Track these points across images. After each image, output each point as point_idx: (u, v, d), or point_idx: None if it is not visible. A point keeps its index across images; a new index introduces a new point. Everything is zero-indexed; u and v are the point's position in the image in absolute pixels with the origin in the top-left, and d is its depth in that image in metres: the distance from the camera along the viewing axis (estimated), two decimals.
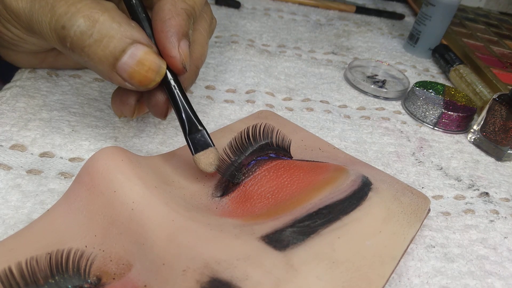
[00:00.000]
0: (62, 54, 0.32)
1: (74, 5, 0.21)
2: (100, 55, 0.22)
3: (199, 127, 0.24)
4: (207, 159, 0.24)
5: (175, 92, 0.24)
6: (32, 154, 0.26)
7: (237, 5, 0.54)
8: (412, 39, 0.53)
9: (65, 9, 0.21)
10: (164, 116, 0.26)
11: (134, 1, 0.24)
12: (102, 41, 0.21)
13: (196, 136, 0.24)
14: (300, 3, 0.60)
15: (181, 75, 0.25)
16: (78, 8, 0.21)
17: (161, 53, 0.24)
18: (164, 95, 0.25)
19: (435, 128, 0.39)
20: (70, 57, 0.24)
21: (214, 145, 0.25)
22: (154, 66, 0.23)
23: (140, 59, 0.22)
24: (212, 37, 0.45)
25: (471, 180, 0.33)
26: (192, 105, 0.25)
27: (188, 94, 0.34)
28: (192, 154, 0.24)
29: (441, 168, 0.34)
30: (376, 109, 0.40)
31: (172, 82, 0.24)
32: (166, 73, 0.24)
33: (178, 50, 0.23)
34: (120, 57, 0.22)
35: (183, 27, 0.24)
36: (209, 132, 0.25)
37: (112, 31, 0.22)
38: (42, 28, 0.22)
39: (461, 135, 0.39)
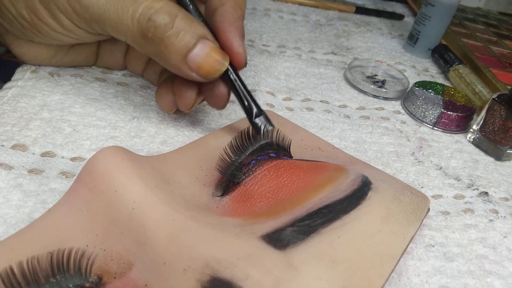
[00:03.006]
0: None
1: (157, 2, 0.25)
2: (176, 46, 0.25)
3: (260, 112, 0.28)
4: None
5: (236, 84, 0.28)
6: (33, 153, 0.26)
7: None
8: (412, 39, 0.53)
9: (148, 5, 0.25)
10: (223, 106, 0.29)
11: (191, 7, 0.27)
12: (179, 34, 0.25)
13: (258, 120, 0.28)
14: (300, 4, 0.60)
15: (240, 69, 0.28)
16: (160, 5, 0.25)
17: (225, 49, 0.27)
18: (226, 87, 0.28)
19: (435, 128, 0.39)
20: (140, 48, 0.26)
21: (274, 126, 0.28)
22: (219, 59, 0.26)
23: (208, 52, 0.26)
24: None
25: (471, 179, 0.33)
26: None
27: None
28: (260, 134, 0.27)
29: (441, 168, 0.34)
30: (376, 109, 0.40)
31: (233, 76, 0.28)
32: (228, 68, 0.27)
33: (242, 48, 0.28)
34: (192, 49, 0.25)
35: (242, 29, 0.28)
36: (209, 132, 0.25)
37: (187, 26, 0.25)
38: (120, 20, 0.25)
39: (460, 135, 0.39)
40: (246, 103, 0.28)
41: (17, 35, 0.29)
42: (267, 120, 0.28)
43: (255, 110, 0.28)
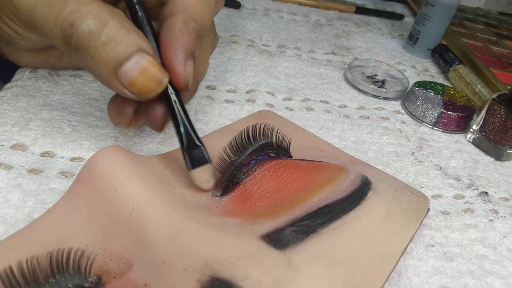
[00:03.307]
0: (65, 55, 0.32)
1: (86, 5, 0.21)
2: (104, 58, 0.22)
3: (197, 143, 0.24)
4: (203, 176, 0.24)
5: (175, 106, 0.24)
6: (33, 153, 0.26)
7: (237, 5, 0.54)
8: (412, 39, 0.53)
9: (75, 7, 0.21)
10: (160, 129, 0.26)
11: (140, 14, 0.24)
12: (108, 44, 0.21)
13: (193, 151, 0.24)
14: (300, 4, 0.60)
15: (182, 91, 0.25)
16: (89, 8, 0.21)
17: (166, 67, 0.24)
18: (163, 108, 0.25)
19: (435, 127, 0.39)
20: (69, 56, 0.24)
21: (211, 162, 0.24)
22: (157, 77, 0.23)
23: (143, 67, 0.22)
24: None
25: (470, 179, 0.33)
26: (193, 105, 0.25)
27: None
28: (189, 170, 0.24)
29: (441, 168, 0.34)
30: (376, 109, 0.40)
31: (173, 97, 0.24)
32: (167, 87, 0.24)
33: (184, 68, 0.24)
34: (124, 62, 0.22)
35: (191, 46, 0.24)
36: (209, 132, 0.25)
37: (120, 36, 0.22)
38: (45, 23, 0.22)
39: (460, 134, 0.39)
40: (182, 131, 0.24)
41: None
42: (206, 152, 0.24)
43: (193, 141, 0.24)
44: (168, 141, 0.30)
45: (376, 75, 0.46)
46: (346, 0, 0.63)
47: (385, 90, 0.42)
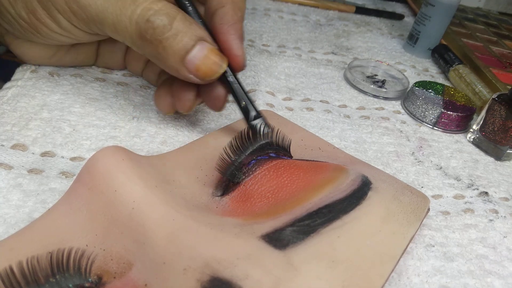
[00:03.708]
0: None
1: (155, 3, 0.25)
2: (174, 48, 0.25)
3: (258, 114, 0.28)
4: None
5: (235, 86, 0.28)
6: (33, 153, 0.26)
7: None
8: (412, 39, 0.53)
9: (147, 6, 0.25)
10: (221, 108, 0.29)
11: (190, 8, 0.27)
12: (178, 36, 0.25)
13: (255, 122, 0.28)
14: (300, 4, 0.60)
15: (238, 71, 0.28)
16: (159, 6, 0.25)
17: (223, 51, 0.27)
18: (224, 89, 0.28)
19: (435, 127, 0.39)
20: (140, 50, 0.26)
21: (272, 127, 0.28)
22: (217, 61, 0.26)
23: (206, 53, 0.26)
24: None
25: (471, 179, 0.33)
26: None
27: None
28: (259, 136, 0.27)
29: (441, 168, 0.34)
30: (376, 109, 0.40)
31: (231, 78, 0.28)
32: (226, 69, 0.27)
33: (242, 50, 0.28)
34: (190, 51, 0.25)
35: (242, 31, 0.28)
36: (209, 132, 0.25)
37: (185, 28, 0.25)
38: (118, 21, 0.25)
39: (460, 134, 0.39)
40: (243, 105, 0.28)
41: (17, 35, 0.29)
42: (265, 122, 0.28)
43: (253, 112, 0.28)
44: (168, 141, 0.30)
45: (376, 75, 0.46)
46: (346, 0, 0.63)
47: (385, 90, 0.42)
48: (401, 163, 0.33)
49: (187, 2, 0.27)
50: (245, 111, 0.28)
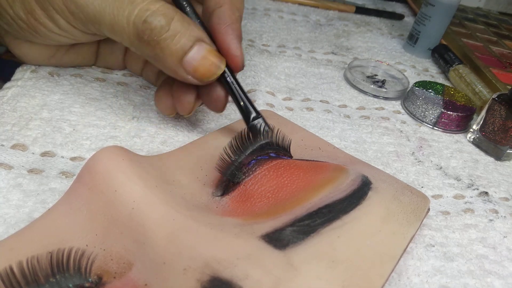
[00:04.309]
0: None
1: (153, 4, 0.25)
2: (172, 49, 0.25)
3: (256, 115, 0.28)
4: None
5: (233, 86, 0.28)
6: (33, 153, 0.26)
7: None
8: (412, 39, 0.53)
9: (145, 6, 0.24)
10: (222, 109, 0.29)
11: (188, 9, 0.27)
12: (175, 37, 0.25)
13: (254, 122, 0.28)
14: (300, 3, 0.60)
15: (237, 72, 0.28)
16: (157, 7, 0.24)
17: (222, 52, 0.27)
18: (223, 90, 0.28)
19: (435, 127, 0.39)
20: (137, 51, 0.26)
21: (271, 128, 0.28)
22: (216, 61, 0.26)
23: (204, 54, 0.25)
24: None
25: (471, 179, 0.33)
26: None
27: None
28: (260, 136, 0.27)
29: (441, 168, 0.34)
30: (376, 108, 0.40)
31: (230, 78, 0.27)
32: (224, 70, 0.27)
33: (240, 50, 0.27)
34: (188, 52, 0.25)
35: (240, 31, 0.28)
36: (209, 132, 0.25)
37: (183, 29, 0.25)
38: (115, 21, 0.25)
39: (460, 134, 0.39)
40: (243, 105, 0.28)
41: (16, 35, 0.29)
42: (265, 122, 0.28)
43: (252, 113, 0.28)
44: (168, 141, 0.30)
45: (376, 75, 0.46)
46: (346, 0, 0.63)
47: (385, 90, 0.42)
48: (401, 163, 0.33)
49: (184, 3, 0.27)
50: (244, 112, 0.28)
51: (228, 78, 0.27)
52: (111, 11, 0.25)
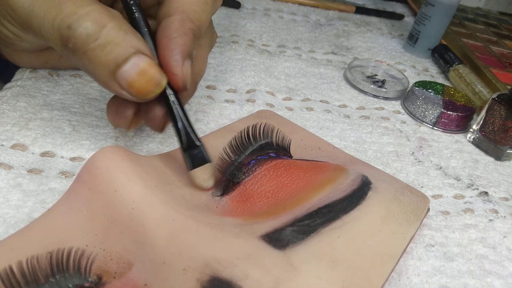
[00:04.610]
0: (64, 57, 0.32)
1: (83, 7, 0.21)
2: (102, 60, 0.22)
3: (197, 143, 0.24)
4: (203, 175, 0.24)
5: (174, 107, 0.24)
6: (33, 153, 0.26)
7: (237, 5, 0.54)
8: (412, 39, 0.53)
9: (73, 10, 0.21)
10: (161, 130, 0.26)
11: (137, 15, 0.24)
12: (106, 47, 0.21)
13: (193, 151, 0.24)
14: (300, 3, 0.60)
15: (180, 92, 0.25)
16: (87, 11, 0.21)
17: (163, 68, 0.23)
18: (163, 109, 0.25)
19: (435, 127, 0.39)
20: (67, 58, 0.24)
21: (211, 161, 0.25)
22: (155, 78, 0.23)
23: (142, 69, 0.22)
24: None
25: (471, 179, 0.33)
26: (193, 105, 0.25)
27: None
28: (188, 170, 0.24)
29: (441, 168, 0.34)
30: (376, 108, 0.40)
31: (172, 97, 0.24)
32: (165, 88, 0.24)
33: (181, 69, 0.23)
34: (122, 64, 0.22)
35: (188, 46, 0.24)
36: (209, 132, 0.25)
37: (118, 38, 0.22)
38: (42, 25, 0.22)
39: (460, 134, 0.39)
40: (182, 130, 0.24)
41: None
42: (205, 151, 0.25)
43: (193, 141, 0.24)
44: (168, 141, 0.30)
45: (376, 75, 0.46)
46: (346, 0, 0.63)
47: (385, 90, 0.42)
48: (401, 163, 0.33)
49: (134, 8, 0.24)
50: (181, 137, 0.24)
51: (170, 97, 0.24)
52: (38, 13, 0.22)
